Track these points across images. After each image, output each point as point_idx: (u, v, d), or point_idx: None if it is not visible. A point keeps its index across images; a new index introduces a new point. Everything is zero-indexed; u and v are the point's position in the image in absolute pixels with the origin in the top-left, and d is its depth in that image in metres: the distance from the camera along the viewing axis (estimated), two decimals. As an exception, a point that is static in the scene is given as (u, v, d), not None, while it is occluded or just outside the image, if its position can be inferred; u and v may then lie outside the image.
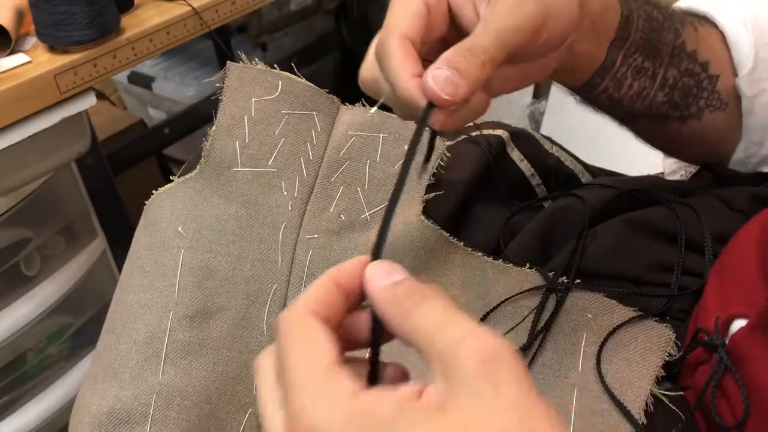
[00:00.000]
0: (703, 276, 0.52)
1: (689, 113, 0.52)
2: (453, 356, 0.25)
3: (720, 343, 0.44)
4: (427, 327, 0.26)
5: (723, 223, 0.55)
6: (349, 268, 0.30)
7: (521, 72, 0.44)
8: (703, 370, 0.46)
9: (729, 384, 0.43)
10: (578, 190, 0.62)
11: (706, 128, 0.53)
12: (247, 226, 0.56)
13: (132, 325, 0.53)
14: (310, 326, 0.27)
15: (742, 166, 0.57)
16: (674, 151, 0.61)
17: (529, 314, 0.51)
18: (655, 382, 0.47)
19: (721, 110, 0.53)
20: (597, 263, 0.54)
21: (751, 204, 0.55)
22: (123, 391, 0.50)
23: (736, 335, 0.43)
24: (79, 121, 0.97)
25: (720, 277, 0.49)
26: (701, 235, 0.54)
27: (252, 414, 0.54)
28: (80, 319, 1.15)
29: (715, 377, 0.43)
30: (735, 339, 0.43)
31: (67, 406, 1.12)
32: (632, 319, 0.50)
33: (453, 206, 0.58)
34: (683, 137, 0.54)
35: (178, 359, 0.52)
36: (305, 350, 0.27)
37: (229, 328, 0.54)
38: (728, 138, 0.55)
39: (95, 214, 1.11)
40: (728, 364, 0.43)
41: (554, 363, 0.49)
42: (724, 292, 0.47)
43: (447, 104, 0.35)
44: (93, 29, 0.88)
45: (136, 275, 0.55)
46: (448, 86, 0.35)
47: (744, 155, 0.55)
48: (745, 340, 0.43)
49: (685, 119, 0.52)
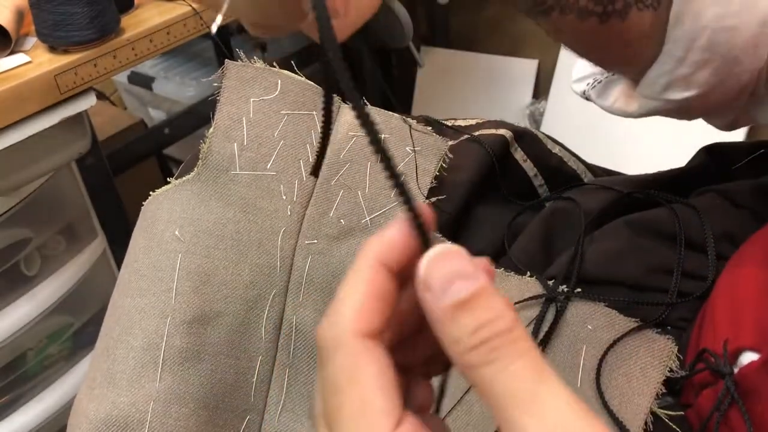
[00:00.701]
0: (707, 279, 0.51)
1: (613, 9, 0.42)
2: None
3: (728, 372, 0.42)
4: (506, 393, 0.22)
5: (728, 221, 0.53)
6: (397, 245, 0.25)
7: None
8: (707, 395, 0.44)
9: (734, 416, 0.42)
10: (577, 191, 0.61)
11: (629, 30, 0.43)
12: (245, 230, 0.55)
13: (129, 330, 0.52)
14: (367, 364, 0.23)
15: (649, 87, 0.45)
16: (584, 53, 0.49)
17: (528, 325, 0.51)
18: (657, 396, 0.46)
19: (650, 9, 0.42)
20: (597, 269, 0.53)
21: (754, 198, 0.54)
22: (120, 397, 0.50)
23: (745, 369, 0.42)
24: (79, 121, 0.97)
25: (732, 300, 0.47)
26: (703, 233, 0.53)
27: (250, 420, 0.53)
28: (80, 319, 1.14)
29: (721, 408, 0.42)
30: (744, 372, 0.42)
31: (67, 406, 1.12)
32: (633, 330, 0.49)
33: (456, 207, 0.58)
34: (599, 38, 0.44)
35: (175, 366, 0.51)
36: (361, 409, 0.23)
37: (227, 334, 0.53)
38: (648, 47, 0.44)
39: (95, 214, 1.11)
40: (735, 396, 0.41)
41: None
42: (736, 317, 0.45)
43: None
44: (93, 29, 0.88)
45: (133, 279, 0.54)
46: None
47: (657, 71, 0.44)
48: (755, 376, 0.41)
49: (607, 17, 0.42)
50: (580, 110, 1.64)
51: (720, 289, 0.49)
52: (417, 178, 0.57)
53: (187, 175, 0.57)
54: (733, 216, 0.54)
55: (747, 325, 0.44)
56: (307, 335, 0.54)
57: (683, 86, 0.43)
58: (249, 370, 0.54)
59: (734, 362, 0.43)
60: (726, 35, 0.39)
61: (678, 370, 0.47)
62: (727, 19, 0.39)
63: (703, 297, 0.51)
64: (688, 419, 0.46)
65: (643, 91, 0.45)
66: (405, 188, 0.25)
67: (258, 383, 0.54)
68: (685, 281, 0.52)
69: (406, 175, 0.57)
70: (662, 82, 0.43)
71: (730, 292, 0.47)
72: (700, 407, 0.45)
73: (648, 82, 0.44)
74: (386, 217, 0.56)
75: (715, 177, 0.59)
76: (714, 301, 0.48)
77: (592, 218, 0.56)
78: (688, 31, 0.40)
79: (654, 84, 0.44)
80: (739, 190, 0.55)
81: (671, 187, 0.58)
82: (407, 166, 0.57)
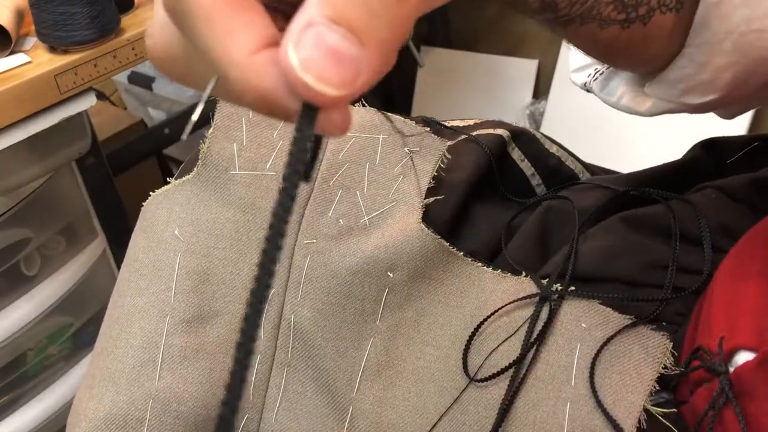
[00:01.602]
0: (702, 273, 0.51)
1: (636, 15, 0.39)
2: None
3: (723, 371, 0.42)
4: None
5: (726, 214, 0.53)
6: None
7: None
8: (701, 393, 0.44)
9: (728, 415, 0.42)
10: (573, 189, 0.61)
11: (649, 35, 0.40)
12: (244, 230, 0.55)
13: (128, 329, 0.52)
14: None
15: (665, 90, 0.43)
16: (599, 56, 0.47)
17: (522, 325, 0.51)
18: (650, 394, 0.46)
19: (673, 12, 0.40)
20: (591, 266, 0.53)
21: (753, 191, 0.54)
22: (119, 396, 0.50)
23: (741, 368, 0.42)
24: (79, 121, 0.97)
25: (729, 297, 0.46)
26: (699, 228, 0.52)
27: (248, 419, 0.53)
28: (80, 319, 1.15)
29: (715, 407, 0.42)
30: (740, 372, 0.42)
31: (67, 406, 1.12)
32: (627, 327, 0.49)
33: (453, 207, 0.58)
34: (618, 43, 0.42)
35: (174, 364, 0.51)
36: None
37: (225, 333, 0.54)
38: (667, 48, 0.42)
39: (95, 214, 1.11)
40: (730, 396, 0.41)
41: (547, 376, 0.49)
42: (733, 315, 0.45)
43: (338, 101, 0.20)
44: (93, 29, 0.88)
45: (132, 278, 0.54)
46: (339, 67, 0.20)
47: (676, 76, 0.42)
48: (751, 376, 0.41)
49: (629, 23, 0.40)
50: (580, 110, 1.64)
51: (717, 284, 0.48)
52: (416, 179, 0.57)
53: (186, 175, 0.57)
54: (731, 209, 0.54)
55: (744, 325, 0.43)
56: (305, 334, 0.54)
57: (703, 91, 0.41)
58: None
59: (729, 361, 0.43)
60: (754, 37, 0.38)
61: (672, 367, 0.47)
62: (757, 22, 0.37)
63: (698, 291, 0.51)
64: (682, 416, 0.46)
65: (658, 92, 0.43)
66: None
67: (257, 382, 0.54)
68: (681, 276, 0.52)
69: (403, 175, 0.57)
70: (681, 86, 0.41)
71: (728, 288, 0.47)
72: (694, 405, 0.45)
73: (665, 85, 0.42)
74: (384, 216, 0.56)
75: (710, 171, 0.59)
76: (710, 296, 0.48)
77: (588, 216, 0.57)
78: (714, 34, 0.38)
79: (672, 87, 0.42)
80: (737, 184, 0.55)
81: (668, 184, 0.58)
82: (405, 167, 0.57)
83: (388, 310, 0.53)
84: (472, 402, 0.50)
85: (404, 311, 0.53)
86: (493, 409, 0.49)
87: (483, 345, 0.51)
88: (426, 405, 0.51)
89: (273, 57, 0.20)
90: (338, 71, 0.20)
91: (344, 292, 0.53)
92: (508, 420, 0.48)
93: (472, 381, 0.50)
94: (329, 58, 0.19)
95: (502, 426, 0.48)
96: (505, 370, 0.49)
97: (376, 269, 0.53)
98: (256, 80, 0.20)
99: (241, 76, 0.20)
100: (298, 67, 0.19)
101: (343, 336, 0.53)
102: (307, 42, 0.20)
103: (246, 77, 0.20)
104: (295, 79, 0.19)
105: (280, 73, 0.20)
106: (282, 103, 0.21)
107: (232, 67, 0.20)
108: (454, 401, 0.50)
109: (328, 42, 0.19)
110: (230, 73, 0.21)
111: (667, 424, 0.46)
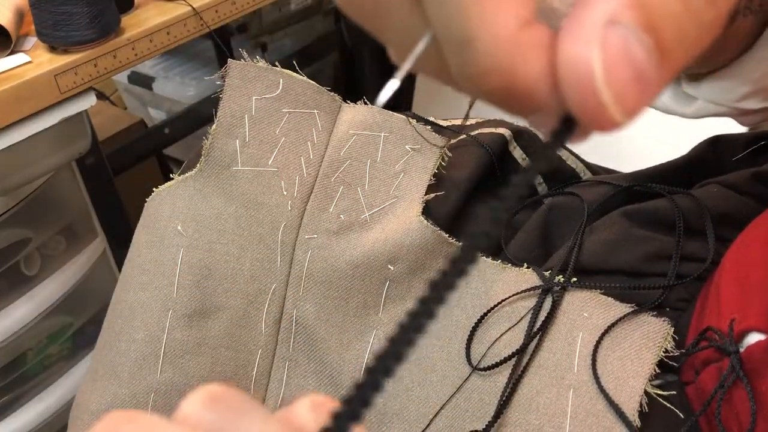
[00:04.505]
0: (706, 261, 0.51)
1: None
2: None
3: (734, 350, 0.43)
4: None
5: (728, 204, 0.53)
6: None
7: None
8: (710, 371, 0.45)
9: (738, 394, 0.42)
10: (576, 187, 0.61)
11: (727, 36, 0.36)
12: (246, 225, 0.56)
13: (131, 323, 0.53)
14: None
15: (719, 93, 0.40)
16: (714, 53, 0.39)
17: (525, 314, 0.51)
18: (651, 377, 0.47)
19: (752, 15, 0.35)
20: (594, 258, 0.53)
21: (756, 183, 0.54)
22: (121, 389, 0.51)
23: (753, 347, 0.42)
24: (79, 121, 0.97)
25: (740, 280, 0.46)
26: (702, 219, 0.53)
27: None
28: (80, 319, 1.15)
29: (725, 385, 0.42)
30: (751, 351, 0.42)
31: (67, 406, 1.12)
32: (628, 314, 0.49)
33: (454, 205, 0.58)
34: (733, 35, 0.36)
35: (176, 358, 0.52)
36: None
37: (227, 328, 0.54)
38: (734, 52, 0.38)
39: (95, 214, 1.11)
40: (740, 374, 0.42)
41: (550, 364, 0.49)
42: (744, 297, 0.45)
43: (618, 127, 0.16)
44: (93, 29, 0.89)
45: (135, 273, 0.55)
46: (640, 92, 0.16)
47: (737, 82, 0.38)
48: (762, 355, 0.41)
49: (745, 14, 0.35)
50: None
51: (726, 268, 0.49)
52: (417, 177, 0.57)
53: (189, 172, 0.57)
54: (736, 201, 0.54)
55: (755, 307, 0.44)
56: (306, 328, 0.54)
57: (764, 96, 0.38)
58: (249, 364, 0.54)
59: (740, 341, 0.43)
60: None
61: (674, 350, 0.47)
62: None
63: (702, 278, 0.51)
64: (687, 396, 0.47)
65: (711, 95, 0.40)
66: None
67: (258, 376, 0.54)
68: (685, 264, 0.52)
69: (404, 173, 0.58)
70: (742, 91, 0.38)
71: (738, 272, 0.47)
72: (701, 384, 0.45)
73: (721, 90, 0.39)
74: (385, 212, 0.56)
75: (715, 169, 0.60)
76: (719, 280, 0.48)
77: (592, 211, 0.57)
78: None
79: (731, 91, 0.39)
80: (741, 178, 0.55)
81: (673, 181, 0.59)
82: (406, 164, 0.57)
83: (390, 302, 0.54)
84: (476, 390, 0.50)
85: (406, 303, 0.54)
86: (496, 397, 0.49)
87: (485, 335, 0.51)
88: (429, 394, 0.51)
89: (542, 40, 0.16)
90: (638, 97, 0.16)
91: (346, 285, 0.54)
92: (512, 406, 0.48)
93: (475, 370, 0.50)
94: (634, 76, 0.15)
95: (504, 412, 0.48)
96: (508, 359, 0.49)
97: (376, 262, 0.53)
98: (518, 64, 0.16)
99: (498, 54, 0.16)
100: (600, 76, 0.15)
101: (346, 329, 0.53)
102: (612, 47, 0.15)
103: (505, 57, 0.16)
104: (589, 88, 0.15)
105: (548, 63, 0.16)
106: (537, 100, 0.16)
107: (491, 41, 0.16)
108: (457, 390, 0.50)
109: (634, 55, 0.15)
110: (481, 47, 0.16)
111: (669, 406, 0.46)
